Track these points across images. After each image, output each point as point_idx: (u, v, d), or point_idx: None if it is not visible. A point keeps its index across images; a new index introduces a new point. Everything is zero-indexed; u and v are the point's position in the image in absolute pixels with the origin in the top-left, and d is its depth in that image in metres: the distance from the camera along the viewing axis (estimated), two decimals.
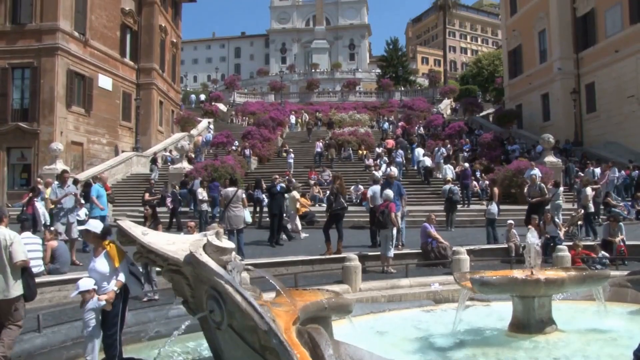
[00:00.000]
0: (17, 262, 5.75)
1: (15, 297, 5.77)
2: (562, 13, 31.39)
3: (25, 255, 5.94)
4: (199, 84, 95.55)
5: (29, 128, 25.54)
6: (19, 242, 5.93)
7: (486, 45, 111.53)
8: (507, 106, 39.05)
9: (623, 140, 26.84)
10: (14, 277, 5.76)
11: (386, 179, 14.75)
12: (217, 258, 4.68)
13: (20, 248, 5.86)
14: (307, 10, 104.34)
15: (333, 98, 60.56)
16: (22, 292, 5.88)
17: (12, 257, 5.73)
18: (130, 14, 33.28)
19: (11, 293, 5.72)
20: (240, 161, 26.81)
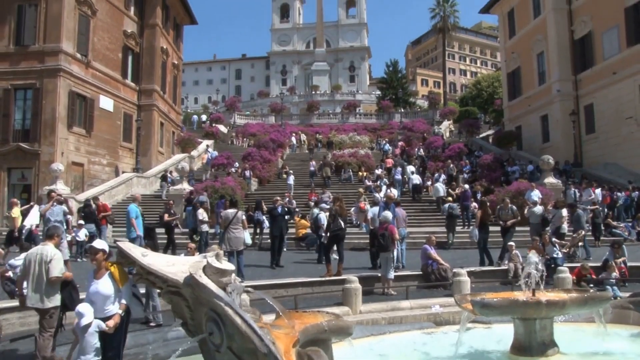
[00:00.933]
0: (52, 277, 6.29)
1: (49, 307, 6.32)
2: (560, 36, 31.71)
3: (61, 271, 6.42)
4: (199, 105, 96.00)
5: (29, 148, 25.60)
6: (58, 260, 6.48)
7: (485, 67, 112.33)
8: (507, 128, 39.21)
9: (622, 161, 26.92)
10: (51, 290, 6.37)
11: (385, 201, 14.78)
12: (217, 280, 4.66)
13: (58, 265, 6.39)
14: (307, 32, 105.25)
15: (333, 120, 60.77)
16: (58, 304, 6.43)
17: (49, 272, 6.29)
18: (132, 36, 33.59)
19: (45, 304, 6.29)
20: (241, 182, 26.80)
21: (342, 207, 14.10)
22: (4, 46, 26.27)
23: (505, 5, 39.21)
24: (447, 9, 66.38)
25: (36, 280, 6.34)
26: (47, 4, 26.34)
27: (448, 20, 66.77)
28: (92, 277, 5.87)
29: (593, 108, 29.61)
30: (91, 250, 5.95)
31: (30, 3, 26.51)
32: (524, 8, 36.45)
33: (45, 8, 26.34)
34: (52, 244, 6.64)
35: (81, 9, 27.90)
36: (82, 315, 5.55)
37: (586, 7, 30.33)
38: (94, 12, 29.07)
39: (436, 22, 67.79)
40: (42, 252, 6.44)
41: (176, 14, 41.30)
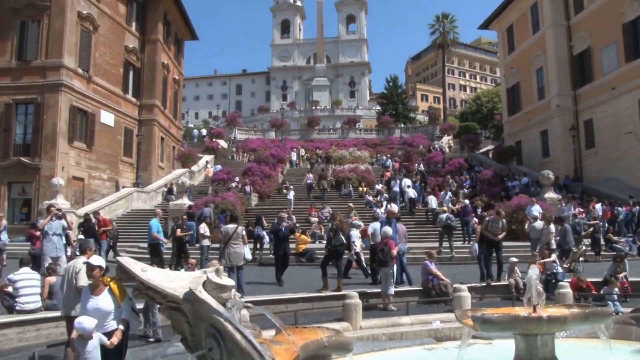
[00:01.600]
0: (78, 286, 6.67)
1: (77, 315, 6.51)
2: (559, 51, 31.90)
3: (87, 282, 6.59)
4: (200, 120, 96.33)
5: (30, 163, 25.66)
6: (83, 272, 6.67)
7: (485, 82, 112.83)
8: (507, 143, 39.29)
9: (622, 176, 26.94)
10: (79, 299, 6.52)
11: (386, 216, 14.75)
12: (217, 295, 4.65)
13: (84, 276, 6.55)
14: (307, 48, 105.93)
15: (333, 135, 60.90)
16: None
17: (77, 282, 6.75)
18: (134, 51, 33.80)
19: (77, 311, 6.45)
20: (241, 198, 26.82)
21: (343, 222, 14.10)
22: (6, 61, 26.49)
23: (504, 21, 39.49)
24: (447, 25, 66.79)
25: (68, 290, 6.93)
26: (50, 19, 26.58)
27: (447, 36, 67.15)
28: (87, 294, 5.81)
29: (592, 123, 29.70)
30: (88, 267, 5.91)
31: (33, 19, 26.75)
32: (522, 24, 36.71)
33: (48, 24, 26.58)
34: (84, 258, 7.02)
35: (83, 25, 28.12)
36: (85, 329, 5.51)
37: (584, 23, 30.54)
38: (96, 27, 29.29)
39: (436, 38, 68.17)
40: (74, 265, 7.04)
41: (177, 30, 41.59)
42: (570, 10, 31.83)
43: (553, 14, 32.33)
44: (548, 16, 32.70)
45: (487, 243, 13.82)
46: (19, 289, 9.41)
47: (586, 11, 30.34)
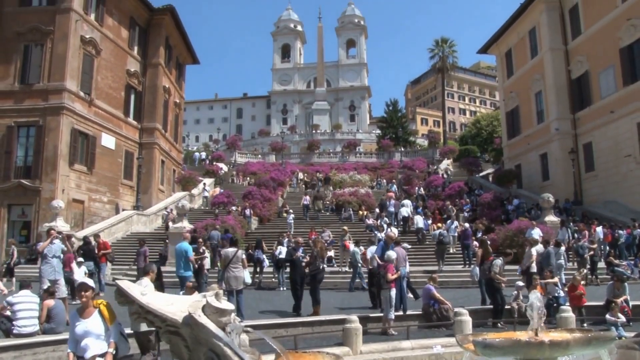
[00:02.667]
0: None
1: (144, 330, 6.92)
2: (558, 75, 32.15)
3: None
4: (201, 143, 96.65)
5: (31, 185, 25.67)
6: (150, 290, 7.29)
7: (484, 106, 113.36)
8: (507, 166, 39.36)
9: (622, 199, 26.92)
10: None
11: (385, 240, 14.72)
12: (216, 320, 4.62)
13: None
14: (308, 72, 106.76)
15: (333, 159, 61.06)
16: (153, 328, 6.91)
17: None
18: (135, 75, 34.06)
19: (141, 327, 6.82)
20: (241, 221, 26.82)
21: (323, 248, 14.27)
22: (9, 84, 26.69)
23: (502, 45, 39.87)
24: (446, 50, 67.35)
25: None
26: (53, 43, 26.85)
27: (447, 61, 67.66)
28: (76, 316, 5.75)
29: (592, 146, 29.80)
30: (82, 287, 5.88)
31: (37, 43, 27.03)
32: (521, 48, 37.06)
33: (51, 48, 26.84)
34: (147, 278, 7.61)
35: (86, 49, 28.38)
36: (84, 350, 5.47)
37: (582, 48, 30.84)
38: (99, 51, 29.57)
39: (435, 62, 68.66)
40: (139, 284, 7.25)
41: (179, 54, 41.96)
42: (568, 34, 32.17)
43: (551, 39, 32.66)
44: (546, 41, 33.02)
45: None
46: (16, 312, 9.33)
47: (583, 36, 30.66)
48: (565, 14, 32.42)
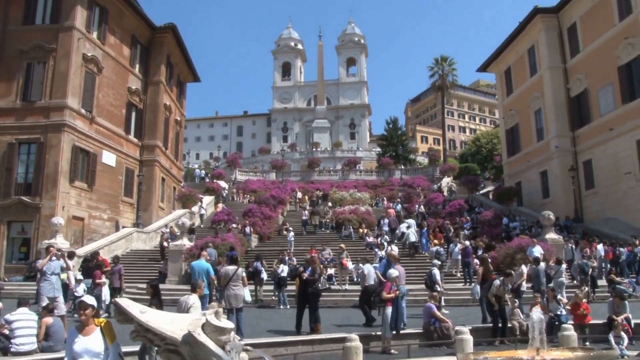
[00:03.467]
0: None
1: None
2: (557, 93, 32.32)
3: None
4: (201, 161, 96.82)
5: (31, 202, 25.64)
6: (196, 307, 8.08)
7: (484, 124, 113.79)
8: (507, 184, 39.37)
9: (623, 216, 26.89)
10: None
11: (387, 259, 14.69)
12: (216, 338, 4.59)
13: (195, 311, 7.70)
14: (308, 90, 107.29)
15: (334, 176, 61.02)
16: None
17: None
18: (137, 92, 34.23)
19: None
20: (241, 239, 26.75)
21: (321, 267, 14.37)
22: (11, 101, 26.81)
23: (502, 64, 40.13)
24: (446, 68, 67.74)
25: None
26: (56, 61, 27.01)
27: (446, 79, 68.01)
28: (75, 333, 5.69)
29: (592, 163, 29.85)
30: (81, 305, 5.82)
31: (39, 61, 27.19)
32: (520, 67, 37.30)
33: (54, 65, 27.00)
34: (195, 295, 8.45)
35: (88, 67, 28.56)
36: None
37: (581, 66, 31.05)
38: (100, 69, 29.75)
39: (435, 81, 69.00)
40: (187, 300, 8.22)
41: (180, 72, 42.23)
42: (567, 53, 32.41)
43: (550, 57, 32.89)
44: (545, 59, 33.25)
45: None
46: (14, 330, 9.28)
47: (582, 54, 30.89)
48: (564, 33, 32.70)
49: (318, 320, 12.96)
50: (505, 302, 13.22)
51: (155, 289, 14.94)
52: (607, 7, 28.61)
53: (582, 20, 30.95)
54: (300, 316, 13.65)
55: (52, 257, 12.99)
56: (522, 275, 15.53)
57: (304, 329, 13.10)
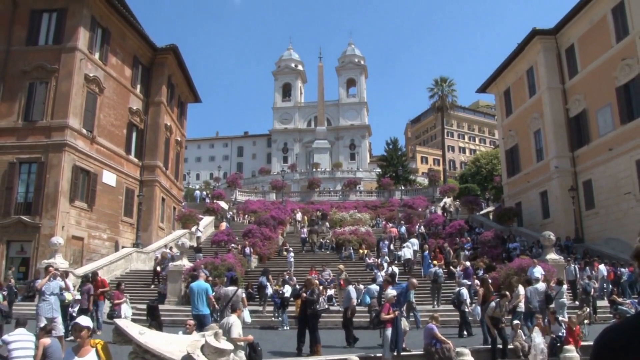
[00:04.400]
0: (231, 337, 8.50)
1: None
2: (556, 114, 32.47)
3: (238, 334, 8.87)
4: (201, 181, 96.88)
5: (30, 221, 25.58)
6: (237, 325, 9.05)
7: (484, 144, 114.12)
8: (507, 204, 39.33)
9: (624, 236, 26.79)
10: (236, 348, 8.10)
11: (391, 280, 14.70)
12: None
13: (236, 329, 8.89)
14: (308, 111, 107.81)
15: (334, 197, 60.99)
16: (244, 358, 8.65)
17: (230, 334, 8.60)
18: (138, 113, 34.37)
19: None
20: (241, 259, 26.67)
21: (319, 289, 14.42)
22: (12, 121, 26.90)
23: (501, 85, 40.38)
24: (445, 89, 68.15)
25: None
26: (58, 81, 27.17)
27: (446, 99, 68.38)
28: (71, 354, 5.66)
29: (592, 184, 29.87)
30: (76, 327, 5.78)
31: (42, 81, 27.34)
32: (519, 87, 37.53)
33: (55, 86, 27.15)
34: (235, 315, 9.41)
35: (89, 87, 28.73)
36: None
37: (579, 87, 31.24)
38: (102, 90, 29.92)
39: (435, 101, 69.36)
40: (227, 320, 9.22)
41: (181, 92, 42.45)
42: (565, 74, 32.65)
43: (548, 78, 33.12)
44: (544, 80, 33.48)
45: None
46: (12, 351, 9.19)
47: (580, 75, 31.11)
48: (562, 54, 32.98)
49: (318, 342, 12.87)
50: (504, 323, 13.11)
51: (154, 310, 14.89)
52: (604, 29, 28.89)
53: (580, 42, 31.23)
54: (300, 337, 13.55)
55: (51, 277, 12.94)
56: (519, 297, 15.45)
57: (305, 351, 13.01)
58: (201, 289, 14.03)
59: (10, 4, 28.16)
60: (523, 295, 15.64)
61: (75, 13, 28.04)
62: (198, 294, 13.86)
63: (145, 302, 20.80)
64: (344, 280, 20.00)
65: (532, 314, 15.14)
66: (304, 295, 14.18)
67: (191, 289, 14.21)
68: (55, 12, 28.21)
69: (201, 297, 13.82)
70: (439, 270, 22.00)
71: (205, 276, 16.62)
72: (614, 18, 28.18)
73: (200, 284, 14.29)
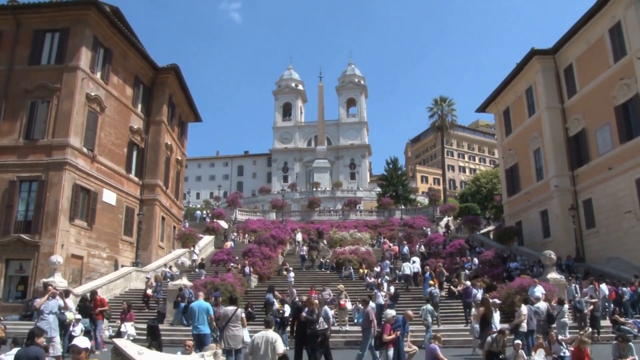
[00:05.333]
0: (278, 352, 9.24)
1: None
2: (555, 133, 32.59)
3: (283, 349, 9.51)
4: (201, 200, 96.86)
5: (30, 240, 25.49)
6: (280, 341, 9.52)
7: (483, 163, 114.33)
8: (507, 223, 39.28)
9: (625, 255, 26.73)
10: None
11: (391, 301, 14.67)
12: None
13: (280, 345, 9.39)
14: (309, 130, 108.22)
15: (334, 216, 60.95)
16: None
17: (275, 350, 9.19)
18: (138, 132, 34.47)
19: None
20: (240, 279, 26.57)
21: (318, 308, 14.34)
22: (14, 140, 26.96)
23: (500, 104, 40.59)
24: (445, 108, 68.54)
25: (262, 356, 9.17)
26: (59, 100, 27.29)
27: (446, 119, 68.75)
28: None
29: (592, 202, 29.84)
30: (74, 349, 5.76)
31: (43, 100, 27.47)
32: (518, 107, 37.72)
33: (57, 104, 27.26)
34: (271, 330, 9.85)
35: (91, 106, 28.86)
36: None
37: (578, 106, 31.39)
38: (103, 109, 30.05)
39: (435, 121, 69.71)
40: (266, 335, 9.42)
41: (182, 112, 42.65)
42: (564, 93, 32.84)
43: (547, 97, 33.31)
44: (543, 99, 33.66)
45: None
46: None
47: (579, 94, 31.27)
48: (561, 74, 33.21)
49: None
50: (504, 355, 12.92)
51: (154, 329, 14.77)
52: (602, 49, 29.13)
53: (578, 62, 31.46)
54: (297, 358, 13.46)
55: (50, 296, 12.89)
56: (521, 316, 15.37)
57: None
58: (202, 308, 13.96)
59: (14, 25, 28.44)
60: (525, 314, 15.54)
61: (77, 33, 28.28)
62: (199, 313, 13.79)
63: (144, 321, 20.69)
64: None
65: (531, 333, 15.04)
66: (303, 315, 14.12)
67: (192, 309, 14.12)
68: (58, 32, 28.43)
69: (202, 316, 13.76)
70: (435, 290, 22.01)
71: (203, 295, 16.53)
72: (611, 39, 28.43)
73: (201, 304, 14.21)
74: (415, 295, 25.28)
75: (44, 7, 28.45)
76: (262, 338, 9.33)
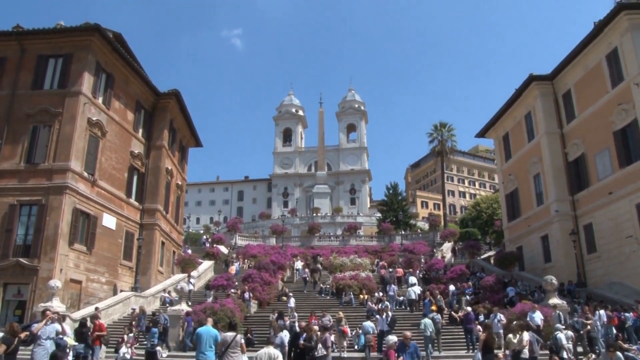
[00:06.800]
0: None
1: None
2: (554, 158, 32.67)
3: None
4: (201, 225, 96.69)
5: (29, 264, 25.34)
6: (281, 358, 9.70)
7: (484, 188, 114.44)
8: (508, 248, 39.12)
9: (627, 280, 26.53)
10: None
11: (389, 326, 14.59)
12: None
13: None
14: (309, 156, 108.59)
15: (334, 242, 60.81)
16: None
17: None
18: (139, 156, 34.58)
19: None
20: (240, 305, 26.39)
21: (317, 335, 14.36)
22: (15, 163, 27.02)
23: (500, 129, 40.77)
24: (445, 134, 68.83)
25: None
26: (61, 125, 27.44)
27: (446, 144, 69.00)
28: None
29: (592, 227, 29.74)
30: None
31: (45, 124, 27.62)
32: (518, 132, 37.88)
33: (59, 129, 27.40)
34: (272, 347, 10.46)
35: (92, 130, 29.00)
36: None
37: (577, 131, 31.51)
38: (104, 133, 30.20)
39: (434, 146, 69.94)
40: (269, 352, 10.03)
41: (182, 137, 42.84)
42: (563, 118, 33.00)
43: (547, 123, 33.46)
44: (542, 125, 33.81)
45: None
46: None
47: (578, 119, 31.42)
48: (559, 99, 33.41)
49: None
50: None
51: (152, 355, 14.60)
52: (599, 75, 29.36)
53: (577, 87, 31.69)
54: None
55: (47, 321, 12.78)
56: (523, 342, 15.22)
57: None
58: (210, 335, 13.72)
59: (18, 50, 28.78)
60: (527, 340, 15.39)
61: (80, 59, 28.58)
62: (207, 340, 13.54)
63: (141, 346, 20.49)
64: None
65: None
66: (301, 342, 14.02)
67: (199, 335, 13.89)
68: (62, 58, 28.74)
69: (209, 343, 13.47)
70: (436, 315, 21.82)
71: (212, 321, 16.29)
72: (608, 64, 28.68)
73: (209, 330, 13.95)
74: (415, 321, 25.02)
75: (49, 33, 28.85)
76: (265, 355, 9.76)
